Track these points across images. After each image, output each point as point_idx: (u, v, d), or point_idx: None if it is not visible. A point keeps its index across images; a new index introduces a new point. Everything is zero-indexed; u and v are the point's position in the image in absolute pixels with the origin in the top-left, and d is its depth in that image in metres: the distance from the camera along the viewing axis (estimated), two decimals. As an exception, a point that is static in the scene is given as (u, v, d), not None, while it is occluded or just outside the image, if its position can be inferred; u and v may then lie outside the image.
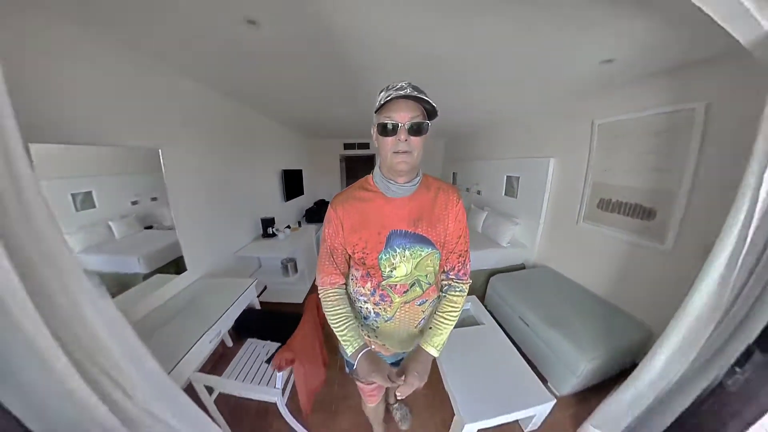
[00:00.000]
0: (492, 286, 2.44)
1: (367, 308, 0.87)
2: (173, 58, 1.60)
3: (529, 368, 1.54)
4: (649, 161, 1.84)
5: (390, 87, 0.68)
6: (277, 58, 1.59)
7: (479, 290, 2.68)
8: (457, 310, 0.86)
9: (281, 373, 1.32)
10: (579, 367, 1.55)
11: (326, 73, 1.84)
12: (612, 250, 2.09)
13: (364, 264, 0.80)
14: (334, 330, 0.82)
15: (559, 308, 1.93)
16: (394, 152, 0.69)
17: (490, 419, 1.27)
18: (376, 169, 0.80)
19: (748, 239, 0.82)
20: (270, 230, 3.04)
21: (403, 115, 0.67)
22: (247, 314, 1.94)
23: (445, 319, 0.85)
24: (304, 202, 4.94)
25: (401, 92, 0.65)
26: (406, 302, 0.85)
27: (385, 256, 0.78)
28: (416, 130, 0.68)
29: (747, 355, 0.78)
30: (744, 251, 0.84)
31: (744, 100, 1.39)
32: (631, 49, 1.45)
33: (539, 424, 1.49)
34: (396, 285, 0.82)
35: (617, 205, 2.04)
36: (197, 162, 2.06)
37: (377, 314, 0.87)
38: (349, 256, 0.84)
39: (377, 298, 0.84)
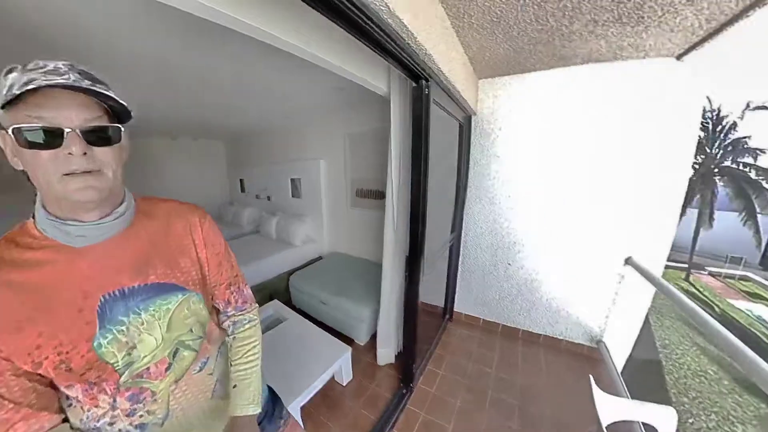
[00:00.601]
0: (293, 285, 2.84)
1: (119, 430, 0.59)
2: None
3: (331, 336, 2.04)
4: (377, 160, 2.85)
5: (29, 68, 0.45)
6: None
7: (283, 293, 2.99)
8: (256, 344, 0.79)
9: None
10: (363, 316, 2.25)
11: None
12: (370, 225, 3.07)
13: (71, 371, 0.51)
14: None
15: (345, 281, 2.63)
16: (66, 174, 0.47)
17: (306, 390, 1.62)
18: (38, 206, 0.52)
19: (394, 199, 1.67)
20: None
21: (70, 115, 0.46)
22: None
23: (248, 364, 0.75)
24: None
25: (59, 80, 0.44)
26: (177, 380, 0.64)
27: (107, 339, 0.54)
28: (103, 137, 0.50)
29: (405, 261, 1.57)
30: (395, 207, 1.67)
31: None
32: (349, 83, 2.20)
33: (350, 371, 2.02)
34: (148, 368, 0.59)
35: (366, 192, 3.02)
36: None
37: (142, 426, 0.60)
38: (38, 375, 0.50)
39: (128, 406, 0.58)
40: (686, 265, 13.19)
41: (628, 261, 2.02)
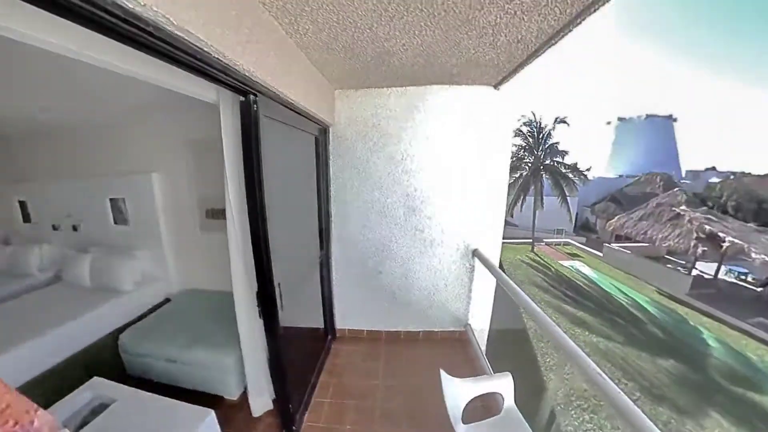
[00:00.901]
0: (124, 347, 2.30)
1: None
2: None
3: (183, 403, 1.73)
4: (217, 171, 2.57)
5: None
6: None
7: (110, 363, 2.34)
8: None
9: None
10: (227, 364, 2.03)
11: None
12: (224, 251, 2.77)
13: None
14: None
15: (201, 325, 2.31)
16: None
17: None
18: None
19: (236, 223, 1.59)
20: None
21: None
22: None
23: None
24: None
25: None
26: None
27: None
28: None
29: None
30: (238, 232, 1.60)
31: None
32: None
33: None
34: None
35: (220, 212, 2.71)
36: None
37: None
38: None
39: None
40: (531, 240, 17.64)
41: (474, 253, 2.53)
